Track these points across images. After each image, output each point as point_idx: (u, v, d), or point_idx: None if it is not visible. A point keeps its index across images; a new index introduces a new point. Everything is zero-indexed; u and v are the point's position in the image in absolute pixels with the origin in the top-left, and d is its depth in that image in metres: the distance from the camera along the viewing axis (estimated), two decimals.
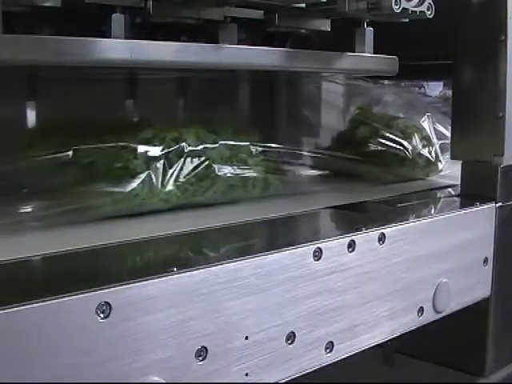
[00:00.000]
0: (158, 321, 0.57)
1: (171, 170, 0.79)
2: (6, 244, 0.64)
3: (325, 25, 0.91)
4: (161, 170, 0.78)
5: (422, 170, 1.14)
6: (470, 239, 0.92)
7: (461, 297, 0.91)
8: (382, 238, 0.78)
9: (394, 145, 1.11)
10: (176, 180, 0.79)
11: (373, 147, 1.11)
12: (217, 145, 0.84)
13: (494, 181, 0.97)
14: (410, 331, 0.84)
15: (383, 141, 1.11)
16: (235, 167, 0.85)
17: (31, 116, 0.95)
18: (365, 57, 0.90)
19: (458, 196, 1.01)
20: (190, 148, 0.81)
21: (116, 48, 0.69)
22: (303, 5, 0.81)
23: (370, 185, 1.05)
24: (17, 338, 0.49)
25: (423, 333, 0.87)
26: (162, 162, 0.78)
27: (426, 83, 1.63)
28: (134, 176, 0.76)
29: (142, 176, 0.76)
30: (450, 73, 1.02)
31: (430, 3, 0.84)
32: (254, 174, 0.87)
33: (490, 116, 0.97)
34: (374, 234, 0.77)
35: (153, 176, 0.78)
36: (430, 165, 1.15)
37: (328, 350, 0.72)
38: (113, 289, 0.54)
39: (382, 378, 1.08)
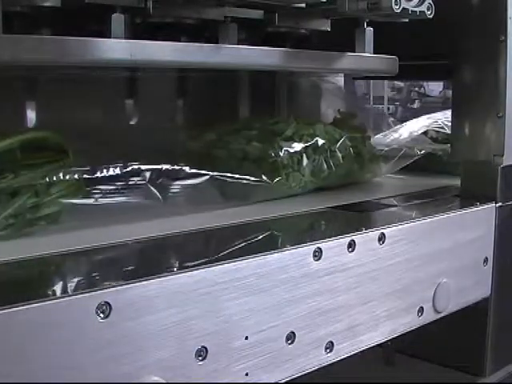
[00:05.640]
0: (158, 321, 0.57)
1: (309, 161, 0.96)
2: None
3: (325, 25, 0.91)
4: (302, 162, 0.96)
5: None
6: (470, 239, 0.92)
7: (461, 297, 0.91)
8: (381, 238, 0.78)
9: None
10: (312, 169, 0.97)
11: None
12: (342, 138, 1.03)
13: (494, 181, 0.97)
14: (409, 331, 0.84)
15: None
16: (353, 155, 1.05)
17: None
18: (365, 57, 0.90)
19: (457, 196, 1.01)
20: (323, 142, 0.99)
21: (116, 48, 0.69)
22: (303, 5, 0.81)
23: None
24: (17, 337, 0.49)
25: (423, 333, 0.87)
26: (302, 155, 0.96)
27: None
28: (283, 167, 0.93)
29: (288, 168, 0.94)
30: (449, 73, 1.02)
31: (429, 3, 0.84)
32: (366, 161, 1.08)
33: (490, 116, 0.97)
34: (373, 233, 0.77)
35: (295, 167, 0.95)
36: None
37: (328, 350, 0.72)
38: (113, 289, 0.54)
39: (382, 378, 1.08)
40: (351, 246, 0.74)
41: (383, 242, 0.78)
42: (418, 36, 1.00)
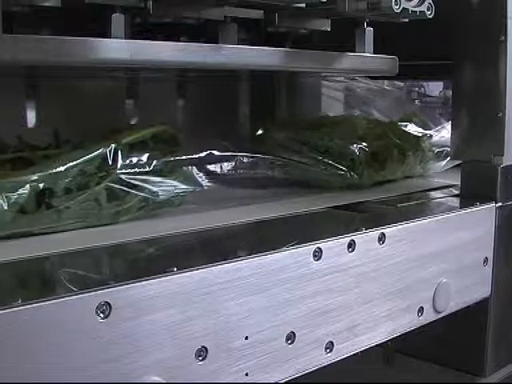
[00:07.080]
0: (157, 321, 0.57)
1: (379, 158, 1.08)
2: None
3: (325, 25, 0.91)
4: (374, 159, 1.07)
5: None
6: (470, 239, 0.92)
7: (461, 297, 0.91)
8: (381, 238, 0.78)
9: None
10: (382, 165, 1.08)
11: None
12: (409, 138, 1.16)
13: (494, 181, 0.97)
14: (409, 331, 0.84)
15: None
16: (417, 153, 1.17)
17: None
18: (365, 57, 0.90)
19: (457, 196, 1.01)
20: (392, 142, 1.12)
21: (116, 48, 0.69)
22: (303, 5, 0.81)
23: None
24: (17, 337, 0.49)
25: (423, 333, 0.87)
26: (374, 152, 1.07)
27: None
28: (360, 163, 1.05)
29: (363, 163, 1.05)
30: (450, 73, 1.02)
31: (429, 3, 0.84)
32: (426, 158, 1.20)
33: (490, 116, 0.97)
34: (373, 233, 0.77)
35: (369, 163, 1.06)
36: None
37: (328, 350, 0.72)
38: (113, 289, 0.54)
39: (382, 378, 1.08)
40: (351, 245, 0.74)
41: (383, 242, 0.78)
42: (417, 36, 1.00)
